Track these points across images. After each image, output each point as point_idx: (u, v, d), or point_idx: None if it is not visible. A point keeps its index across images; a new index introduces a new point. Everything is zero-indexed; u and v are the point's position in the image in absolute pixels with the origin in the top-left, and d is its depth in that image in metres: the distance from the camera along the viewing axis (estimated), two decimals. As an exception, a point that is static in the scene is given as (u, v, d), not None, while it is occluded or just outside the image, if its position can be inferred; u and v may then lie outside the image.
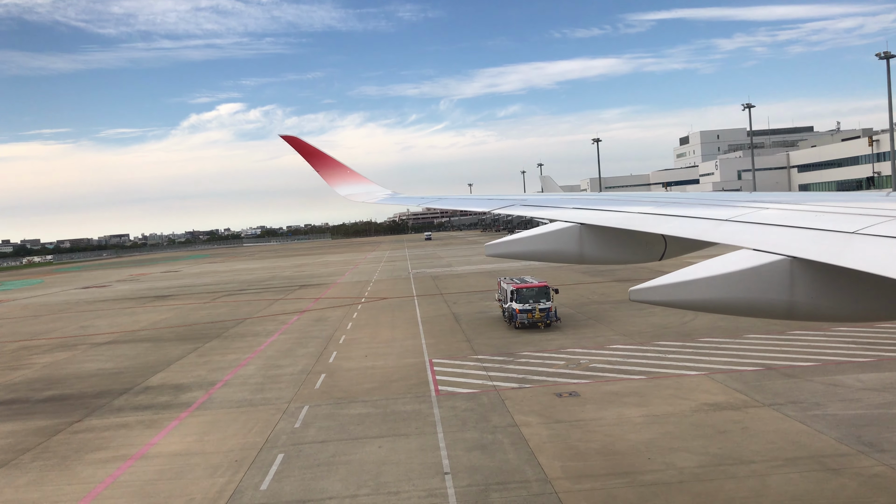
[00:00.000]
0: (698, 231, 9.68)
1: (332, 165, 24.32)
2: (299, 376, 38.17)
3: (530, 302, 47.71)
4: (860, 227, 7.36)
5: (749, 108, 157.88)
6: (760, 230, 8.61)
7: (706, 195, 14.57)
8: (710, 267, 7.55)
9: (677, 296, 7.61)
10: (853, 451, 22.06)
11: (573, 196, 17.66)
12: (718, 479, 20.70)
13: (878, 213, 8.03)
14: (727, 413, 26.77)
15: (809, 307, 7.30)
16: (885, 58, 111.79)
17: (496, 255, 12.31)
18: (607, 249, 11.74)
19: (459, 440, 25.68)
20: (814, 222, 8.20)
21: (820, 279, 7.16)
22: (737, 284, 7.28)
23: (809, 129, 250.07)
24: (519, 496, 20.41)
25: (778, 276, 7.21)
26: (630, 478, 21.23)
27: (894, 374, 30.17)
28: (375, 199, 22.94)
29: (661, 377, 32.76)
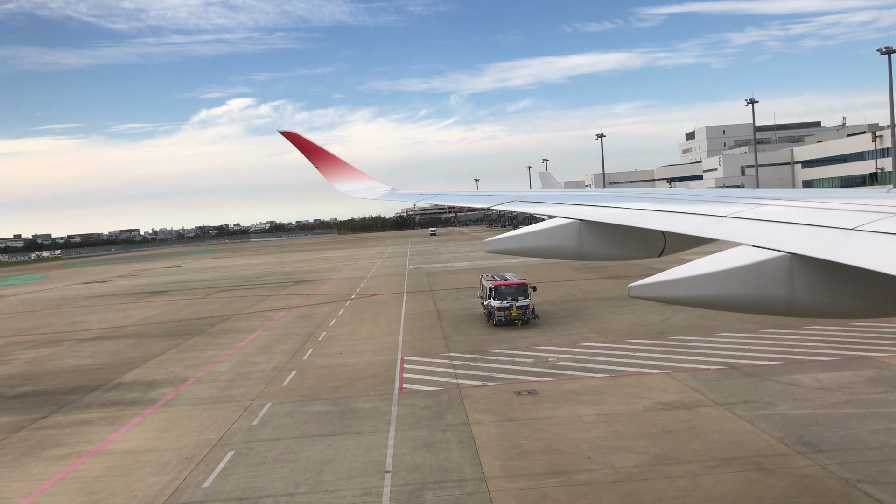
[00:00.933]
0: (698, 227, 9.74)
1: (331, 161, 24.39)
2: (270, 373, 38.38)
3: (508, 299, 47.78)
4: (859, 224, 7.37)
5: (752, 103, 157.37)
6: (759, 226, 8.65)
7: (706, 192, 14.60)
8: (709, 263, 7.60)
9: (676, 292, 7.68)
10: (791, 452, 22.12)
11: (573, 192, 17.72)
12: (652, 478, 20.78)
13: (877, 209, 8.05)
14: (678, 412, 26.84)
15: (808, 303, 7.37)
16: (886, 52, 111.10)
17: (495, 251, 12.32)
18: (607, 246, 11.76)
19: (409, 438, 25.83)
20: (813, 219, 8.22)
21: (819, 275, 7.22)
22: (736, 281, 7.34)
23: (816, 124, 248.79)
24: (452, 495, 20.54)
25: (777, 273, 7.27)
26: (565, 477, 21.34)
27: (853, 374, 30.12)
28: (375, 196, 23.03)
29: (624, 375, 32.84)
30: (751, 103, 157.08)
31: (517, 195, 18.39)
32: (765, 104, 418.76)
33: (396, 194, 23.38)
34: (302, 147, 23.91)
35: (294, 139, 23.81)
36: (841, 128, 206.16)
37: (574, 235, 11.70)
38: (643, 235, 11.56)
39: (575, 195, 16.07)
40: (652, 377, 32.16)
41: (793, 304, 7.33)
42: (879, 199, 9.17)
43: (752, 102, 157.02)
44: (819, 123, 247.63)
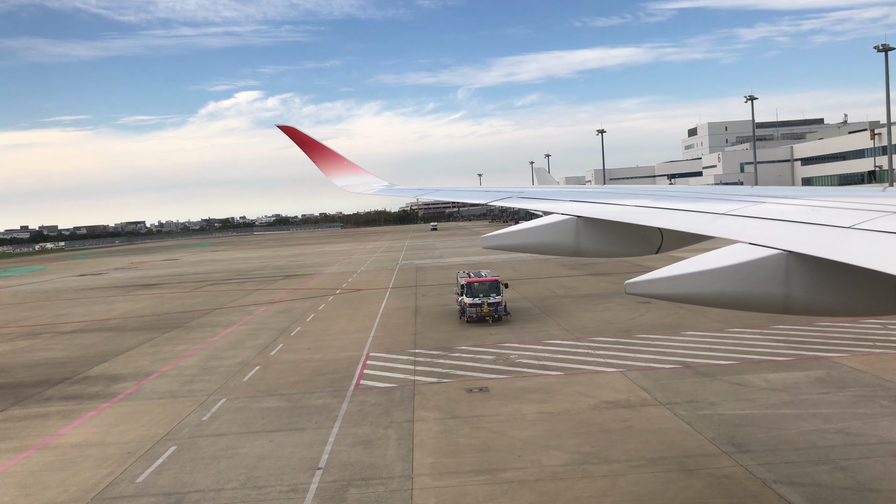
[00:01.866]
0: (695, 225, 9.81)
1: (329, 156, 24.46)
2: (234, 368, 38.66)
3: (480, 296, 47.90)
4: (856, 223, 7.42)
5: (751, 100, 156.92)
6: (757, 224, 8.71)
7: (704, 189, 14.70)
8: (706, 261, 7.68)
9: (673, 289, 7.76)
10: (718, 452, 22.27)
11: (571, 189, 17.84)
12: (574, 478, 20.96)
13: (873, 208, 8.11)
14: (620, 411, 27.00)
15: (805, 301, 7.44)
16: (883, 50, 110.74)
17: (492, 247, 12.39)
18: (604, 242, 11.85)
19: (350, 435, 26.06)
20: (810, 217, 8.27)
21: (815, 273, 7.28)
22: (733, 278, 7.40)
23: (819, 121, 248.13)
24: (375, 492, 20.75)
25: (774, 271, 7.33)
26: (490, 475, 21.53)
27: (802, 375, 30.24)
28: (372, 191, 23.12)
29: (578, 373, 33.01)
30: (750, 100, 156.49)
31: (515, 191, 18.48)
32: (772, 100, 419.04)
33: (394, 189, 23.45)
34: (299, 141, 23.96)
35: (292, 133, 23.87)
36: (842, 125, 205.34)
37: (572, 232, 11.79)
38: (641, 232, 11.64)
39: (573, 192, 16.14)
40: (605, 375, 32.31)
41: (789, 301, 7.41)
42: (876, 198, 9.24)
43: (751, 99, 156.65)
44: (822, 120, 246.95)
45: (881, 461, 20.72)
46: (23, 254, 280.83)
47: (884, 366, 30.84)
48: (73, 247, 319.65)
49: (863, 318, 40.74)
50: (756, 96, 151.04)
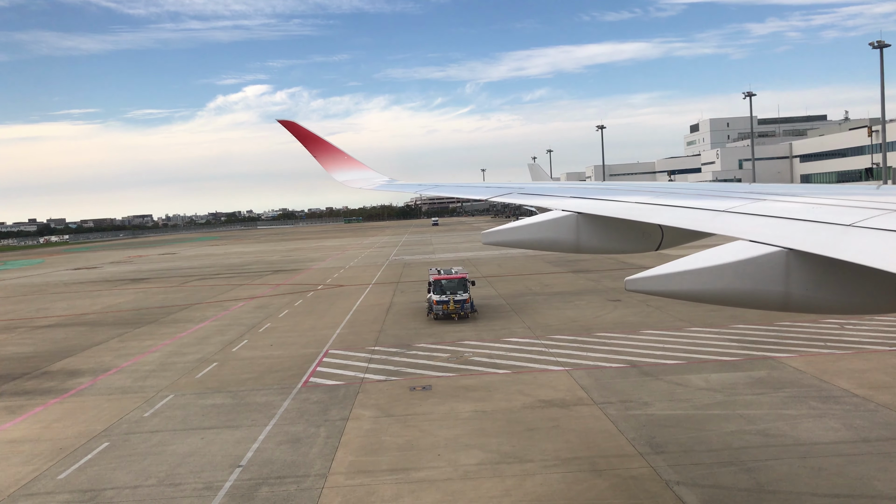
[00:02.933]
0: (695, 222, 9.83)
1: (329, 151, 24.47)
2: (192, 365, 38.92)
3: (447, 294, 48.02)
4: (857, 220, 7.41)
5: (750, 96, 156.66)
6: (757, 222, 8.69)
7: (704, 186, 14.61)
8: (706, 257, 7.68)
9: (672, 286, 7.73)
10: (633, 453, 22.39)
11: (571, 185, 17.93)
12: (483, 477, 21.12)
13: (874, 206, 8.07)
14: (552, 410, 27.14)
15: (804, 299, 7.43)
16: (878, 47, 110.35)
17: (493, 242, 12.41)
18: (604, 239, 11.86)
19: (281, 433, 26.26)
20: (810, 214, 8.28)
21: (815, 271, 7.27)
22: (732, 275, 7.40)
23: (822, 117, 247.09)
24: (285, 491, 20.96)
25: (774, 268, 7.33)
26: (403, 474, 21.71)
27: (744, 375, 30.33)
28: (372, 186, 23.12)
29: (525, 372, 33.15)
30: (749, 96, 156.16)
31: (516, 187, 18.50)
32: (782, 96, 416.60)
33: (394, 185, 23.42)
34: (300, 136, 23.99)
35: (292, 128, 23.92)
36: (843, 122, 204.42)
37: (572, 228, 11.79)
38: (641, 229, 11.65)
39: (574, 188, 16.20)
40: (550, 374, 32.45)
41: (789, 299, 7.42)
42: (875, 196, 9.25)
43: (749, 95, 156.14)
44: (825, 117, 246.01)
45: (788, 463, 20.82)
46: (26, 247, 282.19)
47: (827, 367, 30.87)
48: (78, 240, 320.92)
49: (822, 319, 40.75)
50: (755, 92, 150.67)
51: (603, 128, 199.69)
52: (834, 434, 23.10)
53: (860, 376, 29.30)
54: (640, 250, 12.11)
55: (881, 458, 20.82)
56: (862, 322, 39.31)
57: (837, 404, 26.06)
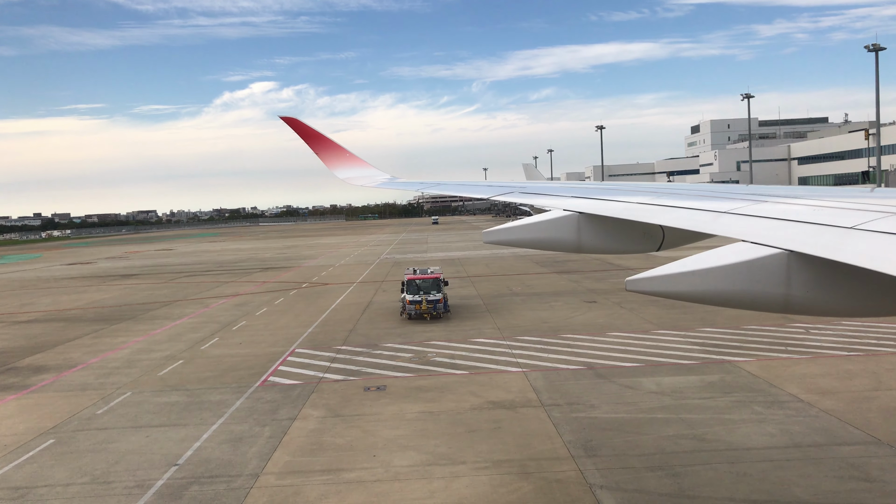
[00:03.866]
0: (696, 223, 9.84)
1: (331, 148, 24.40)
2: (158, 362, 39.08)
3: (420, 293, 48.10)
4: (859, 223, 7.40)
5: (748, 98, 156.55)
6: (759, 223, 8.69)
7: (706, 187, 14.66)
8: (707, 258, 7.69)
9: (673, 287, 7.74)
10: (566, 456, 22.47)
11: (573, 185, 17.94)
12: (411, 479, 21.24)
13: (876, 208, 8.07)
14: (498, 412, 27.21)
15: (805, 301, 7.42)
16: (873, 50, 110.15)
17: (494, 242, 12.44)
18: (605, 239, 11.87)
19: (225, 432, 26.39)
20: (812, 217, 8.27)
21: (816, 273, 7.27)
22: (733, 277, 7.40)
23: (824, 119, 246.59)
24: (214, 490, 21.08)
25: (775, 270, 7.33)
26: (334, 475, 21.83)
27: (697, 378, 30.37)
28: (374, 184, 23.09)
29: (482, 373, 33.22)
30: (747, 98, 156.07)
31: (517, 186, 18.47)
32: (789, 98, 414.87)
33: (395, 182, 23.41)
34: (302, 133, 23.88)
35: (294, 125, 23.77)
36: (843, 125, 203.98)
37: (573, 228, 11.80)
38: (642, 229, 11.65)
39: (575, 187, 16.22)
40: (507, 375, 32.53)
41: (790, 301, 7.41)
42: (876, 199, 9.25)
43: (747, 97, 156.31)
44: (826, 119, 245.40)
45: (715, 468, 20.88)
46: (28, 241, 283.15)
47: (781, 371, 30.90)
48: (80, 235, 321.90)
49: (788, 323, 40.78)
50: (753, 94, 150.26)
51: (602, 128, 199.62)
52: (769, 439, 23.13)
53: (811, 381, 29.32)
54: (642, 251, 12.13)
55: (807, 464, 20.86)
56: (828, 327, 39.34)
57: (781, 409, 26.09)
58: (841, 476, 20.02)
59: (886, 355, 32.94)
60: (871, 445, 22.25)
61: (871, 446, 22.19)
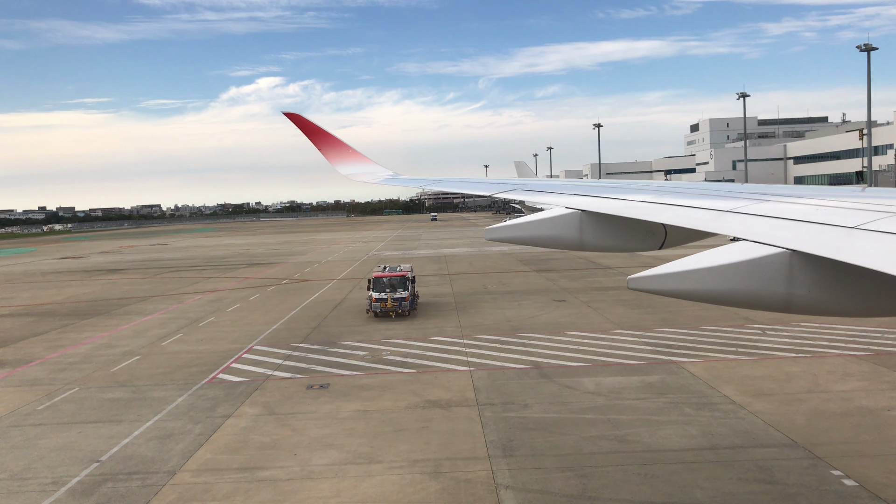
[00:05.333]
0: (699, 221, 9.85)
1: (334, 144, 24.41)
2: (115, 358, 39.26)
3: (387, 291, 48.18)
4: (861, 223, 7.41)
5: (743, 97, 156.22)
6: (761, 222, 8.70)
7: (708, 186, 14.69)
8: (709, 257, 7.68)
9: (675, 285, 7.75)
10: (483, 456, 22.59)
11: (575, 182, 18.00)
12: (324, 478, 21.35)
13: (878, 208, 8.08)
14: (432, 411, 27.30)
15: (807, 301, 7.44)
16: (865, 50, 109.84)
17: (496, 239, 12.44)
18: (607, 237, 11.89)
19: (158, 429, 26.52)
20: (814, 216, 8.26)
21: (818, 273, 7.27)
22: (735, 276, 7.41)
23: (823, 119, 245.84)
24: (127, 487, 21.21)
25: (777, 269, 7.34)
26: (249, 473, 21.95)
27: (637, 379, 30.40)
28: (377, 180, 23.11)
29: (430, 371, 33.31)
30: (742, 97, 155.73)
31: (520, 183, 18.63)
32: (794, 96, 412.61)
33: (398, 179, 23.42)
34: (305, 129, 23.94)
35: (297, 120, 23.86)
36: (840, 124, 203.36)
37: (575, 226, 11.82)
38: (644, 228, 11.65)
39: (578, 185, 16.24)
40: (452, 374, 32.63)
41: (792, 300, 7.42)
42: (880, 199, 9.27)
43: (743, 96, 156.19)
44: (826, 119, 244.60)
45: (626, 470, 20.94)
46: (29, 234, 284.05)
47: (723, 373, 30.92)
48: (81, 229, 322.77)
49: (747, 324, 40.79)
50: (749, 94, 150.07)
51: (599, 126, 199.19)
52: (688, 441, 23.18)
53: (749, 383, 29.35)
54: (644, 249, 12.16)
55: (717, 467, 20.91)
56: (785, 328, 39.39)
57: (710, 411, 26.12)
58: (746, 479, 20.05)
59: (832, 357, 32.95)
60: (786, 448, 22.24)
61: (787, 449, 22.19)
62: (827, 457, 21.37)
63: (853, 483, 19.47)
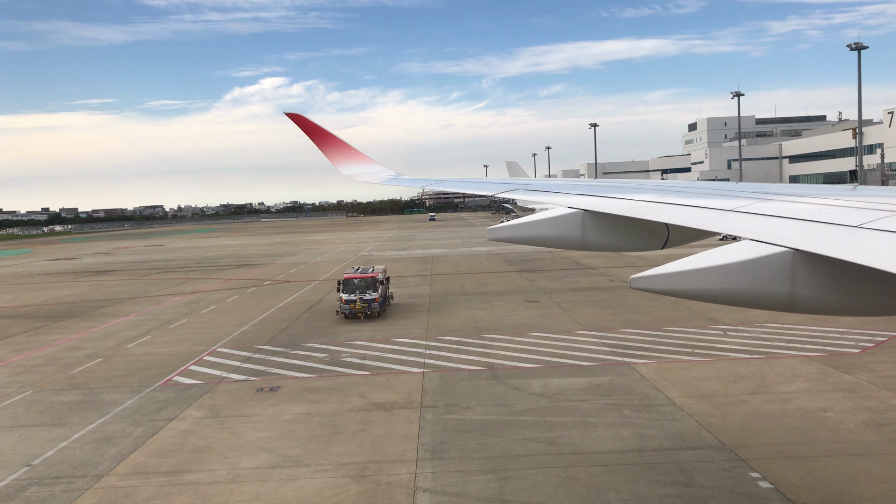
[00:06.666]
0: (702, 221, 9.85)
1: (336, 145, 24.47)
2: (78, 360, 39.39)
3: (356, 293, 48.21)
4: (864, 222, 7.39)
5: (738, 96, 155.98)
6: (763, 221, 8.67)
7: (710, 185, 14.73)
8: (712, 256, 7.69)
9: (678, 284, 7.74)
10: (412, 459, 22.75)
11: (577, 182, 18.02)
12: (250, 481, 21.45)
13: (881, 207, 8.07)
14: (374, 414, 27.36)
15: (810, 299, 7.44)
16: (856, 49, 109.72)
17: (498, 239, 12.49)
18: (610, 236, 11.90)
19: (98, 432, 26.63)
20: (817, 215, 8.26)
21: (821, 272, 7.27)
22: (738, 275, 7.40)
23: (822, 118, 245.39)
24: (50, 492, 21.30)
25: (780, 268, 7.33)
26: (176, 476, 22.02)
27: (585, 381, 30.44)
28: (379, 180, 23.13)
29: (384, 374, 33.37)
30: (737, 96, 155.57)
31: (522, 183, 18.62)
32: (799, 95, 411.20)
33: (400, 179, 23.42)
34: (307, 129, 24.02)
35: (299, 121, 23.97)
36: (837, 123, 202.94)
37: (578, 225, 11.82)
38: (647, 227, 11.66)
39: (580, 185, 16.24)
40: (405, 376, 32.67)
41: (795, 299, 7.42)
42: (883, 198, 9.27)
43: (737, 95, 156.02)
44: (824, 117, 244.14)
45: (547, 473, 20.98)
46: (28, 236, 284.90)
47: (672, 374, 30.92)
48: (82, 230, 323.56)
49: (710, 325, 40.77)
50: (742, 92, 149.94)
51: (596, 126, 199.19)
52: (619, 444, 23.19)
53: (696, 384, 29.35)
54: (646, 248, 12.16)
55: (638, 469, 20.93)
56: (747, 329, 39.41)
57: (648, 413, 26.13)
58: (663, 481, 20.05)
59: (785, 358, 32.92)
60: (712, 450, 22.24)
61: (713, 451, 22.19)
62: (751, 459, 21.32)
63: (768, 485, 19.45)
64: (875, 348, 33.81)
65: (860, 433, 23.14)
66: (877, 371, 29.89)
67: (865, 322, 38.08)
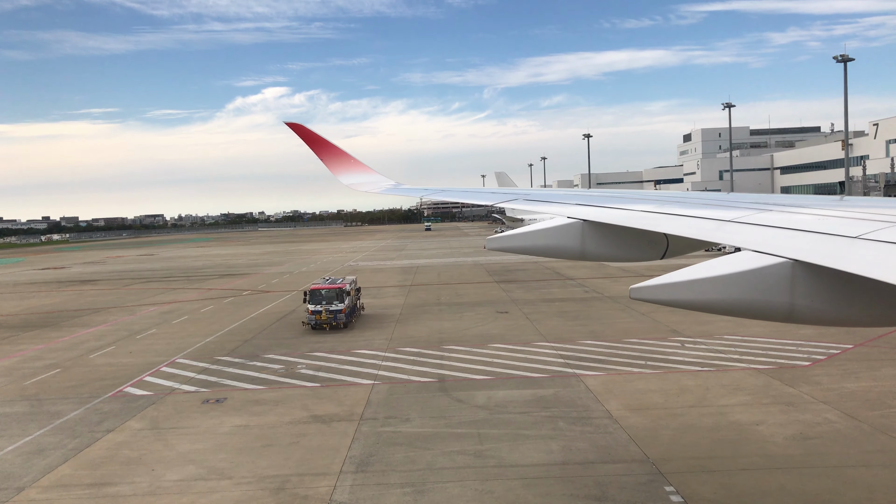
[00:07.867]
0: (701, 231, 9.87)
1: (336, 154, 24.52)
2: (35, 370, 39.44)
3: (323, 303, 48.23)
4: (863, 233, 7.41)
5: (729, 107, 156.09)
6: (763, 232, 8.67)
7: (711, 195, 14.80)
8: (712, 267, 7.67)
9: (678, 295, 7.72)
10: (335, 472, 22.76)
11: (577, 192, 18.03)
12: (171, 493, 21.50)
13: (881, 218, 8.08)
14: (312, 426, 27.38)
15: (809, 310, 7.41)
16: (842, 61, 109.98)
17: (497, 249, 12.54)
18: (609, 246, 11.90)
19: (34, 443, 26.66)
20: (816, 226, 8.26)
21: (821, 283, 7.25)
22: (737, 286, 7.38)
23: (816, 129, 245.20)
24: (-29, 502, 21.18)
25: (779, 279, 7.31)
26: (97, 489, 22.06)
27: (530, 392, 30.46)
28: (379, 190, 23.16)
29: (333, 385, 33.40)
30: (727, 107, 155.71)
31: (520, 193, 18.56)
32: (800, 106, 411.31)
33: (400, 189, 23.40)
34: (307, 139, 24.06)
35: (299, 130, 24.00)
36: (830, 134, 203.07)
37: (577, 235, 11.83)
38: (646, 237, 11.65)
39: (578, 195, 16.30)
40: (353, 388, 32.68)
41: (794, 310, 7.38)
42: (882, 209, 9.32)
43: (728, 107, 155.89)
44: (819, 128, 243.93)
45: (466, 486, 20.99)
46: (25, 244, 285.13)
47: (617, 387, 30.90)
48: (80, 239, 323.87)
49: (669, 337, 40.73)
50: (734, 104, 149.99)
51: (589, 136, 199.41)
52: (545, 457, 23.20)
53: (638, 397, 29.33)
54: (646, 258, 12.14)
55: (556, 483, 20.96)
56: (705, 342, 39.39)
57: (583, 426, 26.12)
58: (577, 495, 20.04)
59: (735, 370, 32.92)
60: (634, 464, 22.23)
61: (634, 465, 22.18)
62: (670, 473, 21.31)
63: (680, 499, 19.46)
64: (826, 360, 33.77)
65: (786, 447, 23.11)
66: (820, 384, 29.86)
67: (824, 334, 38.06)
